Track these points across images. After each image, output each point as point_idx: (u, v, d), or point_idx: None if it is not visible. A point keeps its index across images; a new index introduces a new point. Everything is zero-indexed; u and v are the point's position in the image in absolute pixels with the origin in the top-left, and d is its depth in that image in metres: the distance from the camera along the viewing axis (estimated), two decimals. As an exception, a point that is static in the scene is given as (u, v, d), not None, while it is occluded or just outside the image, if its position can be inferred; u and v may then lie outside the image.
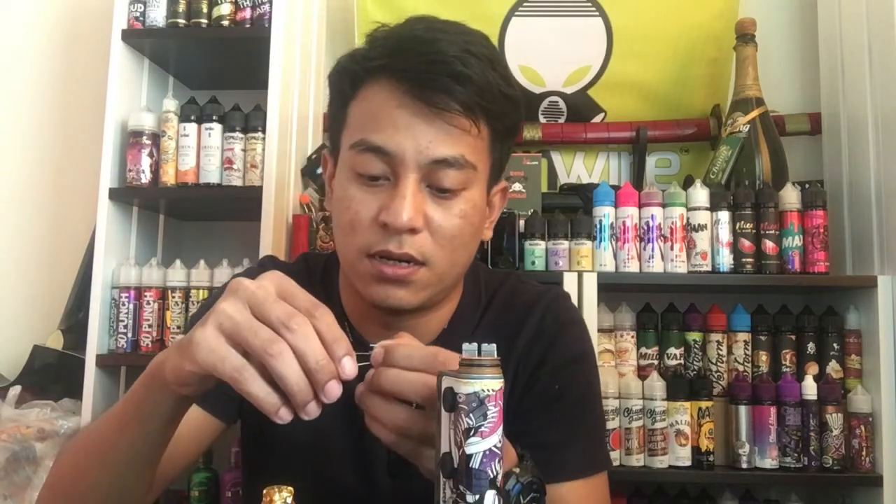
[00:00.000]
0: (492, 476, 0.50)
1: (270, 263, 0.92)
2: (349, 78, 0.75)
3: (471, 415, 0.49)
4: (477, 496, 0.50)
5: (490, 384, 0.50)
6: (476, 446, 0.49)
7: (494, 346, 0.51)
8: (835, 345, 1.52)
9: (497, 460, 0.50)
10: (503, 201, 0.84)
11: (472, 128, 0.71)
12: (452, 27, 0.74)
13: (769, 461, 1.44)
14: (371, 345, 0.58)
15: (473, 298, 0.86)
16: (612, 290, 1.55)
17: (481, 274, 0.89)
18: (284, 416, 0.52)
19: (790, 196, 1.52)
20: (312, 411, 0.52)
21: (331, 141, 0.81)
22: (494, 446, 0.50)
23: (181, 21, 1.62)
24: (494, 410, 0.49)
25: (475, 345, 0.51)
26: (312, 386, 0.51)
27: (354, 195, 0.72)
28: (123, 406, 0.62)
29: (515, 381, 0.82)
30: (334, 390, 0.52)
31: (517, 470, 0.60)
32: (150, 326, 1.58)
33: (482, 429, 0.49)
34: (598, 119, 1.87)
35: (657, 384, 1.46)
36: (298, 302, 0.54)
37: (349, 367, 0.52)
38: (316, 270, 0.89)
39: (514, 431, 0.60)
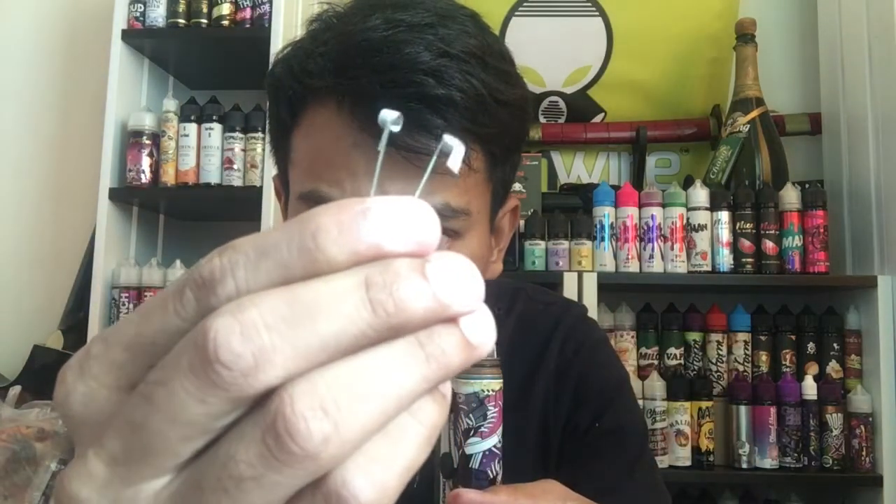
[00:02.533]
0: (492, 476, 0.49)
1: None
2: (287, 100, 0.57)
3: (470, 415, 0.49)
4: None
5: (490, 384, 0.49)
6: (476, 447, 0.49)
7: (493, 346, 0.50)
8: (835, 345, 1.52)
9: (497, 460, 0.50)
10: (514, 223, 0.68)
11: (461, 165, 0.57)
12: (422, 15, 0.53)
13: (769, 461, 1.44)
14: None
15: None
16: (612, 290, 1.55)
17: (491, 286, 0.79)
18: None
19: (790, 196, 1.52)
20: None
21: (276, 166, 0.64)
22: (494, 447, 0.50)
23: (181, 21, 1.62)
24: (494, 411, 0.49)
25: None
26: None
27: None
28: None
29: (546, 428, 0.70)
30: None
31: None
32: (150, 326, 1.58)
33: (482, 429, 0.49)
34: (598, 119, 1.87)
35: (657, 384, 1.46)
36: None
37: None
38: None
39: (566, 482, 0.52)
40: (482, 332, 0.21)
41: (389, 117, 0.24)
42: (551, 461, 0.70)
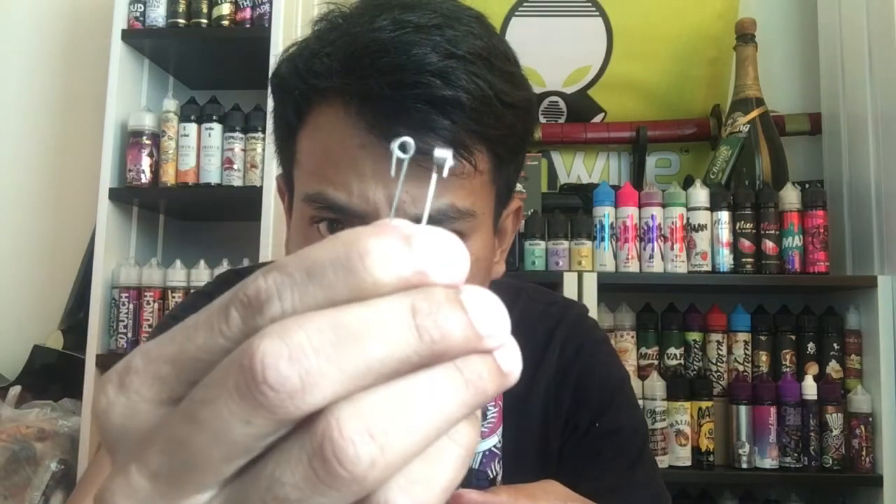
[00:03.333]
0: (492, 476, 0.49)
1: (230, 273, 0.82)
2: (293, 100, 0.57)
3: None
4: None
5: None
6: (476, 447, 0.49)
7: None
8: (835, 345, 1.52)
9: (497, 460, 0.50)
10: (517, 223, 0.68)
11: (466, 167, 0.53)
12: (429, 16, 0.53)
13: (769, 461, 1.44)
14: None
15: None
16: (612, 290, 1.55)
17: (491, 288, 0.80)
18: None
19: (790, 196, 1.52)
20: None
21: (281, 167, 0.64)
22: (494, 447, 0.50)
23: (181, 21, 1.62)
24: (494, 411, 0.49)
25: None
26: None
27: None
28: None
29: (547, 428, 0.70)
30: None
31: None
32: (150, 327, 1.58)
33: (482, 429, 0.49)
34: (598, 119, 1.87)
35: (657, 384, 1.46)
36: None
37: None
38: None
39: (566, 483, 0.52)
40: (513, 360, 0.22)
41: (443, 155, 0.25)
42: (552, 461, 0.69)
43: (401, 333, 0.20)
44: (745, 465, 1.45)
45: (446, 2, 0.56)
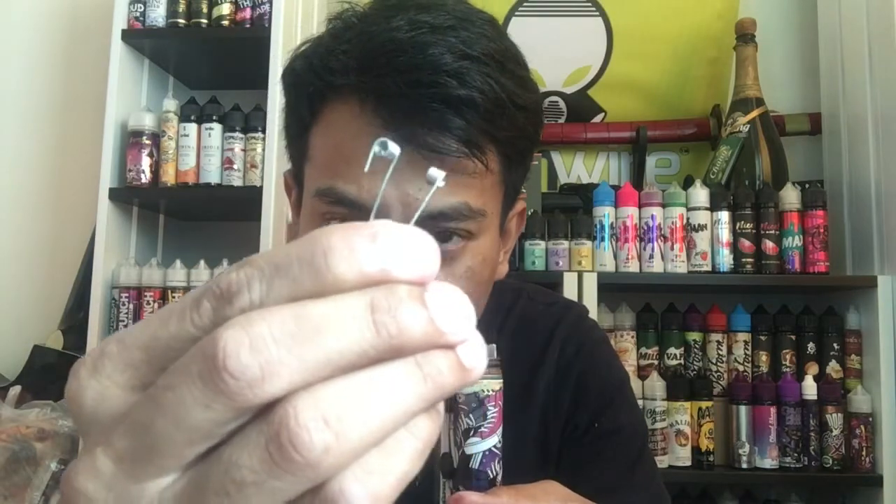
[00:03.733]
0: (491, 476, 0.49)
1: None
2: (306, 96, 0.57)
3: (470, 415, 0.49)
4: None
5: (490, 384, 0.49)
6: (476, 446, 0.49)
7: (494, 346, 0.50)
8: (835, 345, 1.52)
9: (497, 460, 0.50)
10: (521, 225, 0.70)
11: (478, 166, 0.54)
12: (444, 17, 0.54)
13: (769, 461, 1.44)
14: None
15: (490, 307, 0.75)
16: (612, 290, 1.55)
17: (492, 289, 0.81)
18: None
19: (790, 196, 1.52)
20: None
21: (291, 163, 0.64)
22: (494, 446, 0.50)
23: (181, 21, 1.62)
24: (494, 411, 0.49)
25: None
26: None
27: None
28: None
29: (546, 428, 0.70)
30: None
31: None
32: (150, 326, 1.58)
33: (482, 429, 0.49)
34: (598, 119, 1.87)
35: (657, 384, 1.46)
36: None
37: None
38: None
39: (566, 483, 0.52)
40: (475, 356, 0.22)
41: (438, 175, 0.26)
42: (551, 461, 0.70)
43: (358, 328, 0.21)
44: (745, 465, 1.45)
45: (459, 4, 0.57)
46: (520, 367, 0.70)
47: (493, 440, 0.50)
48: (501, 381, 0.50)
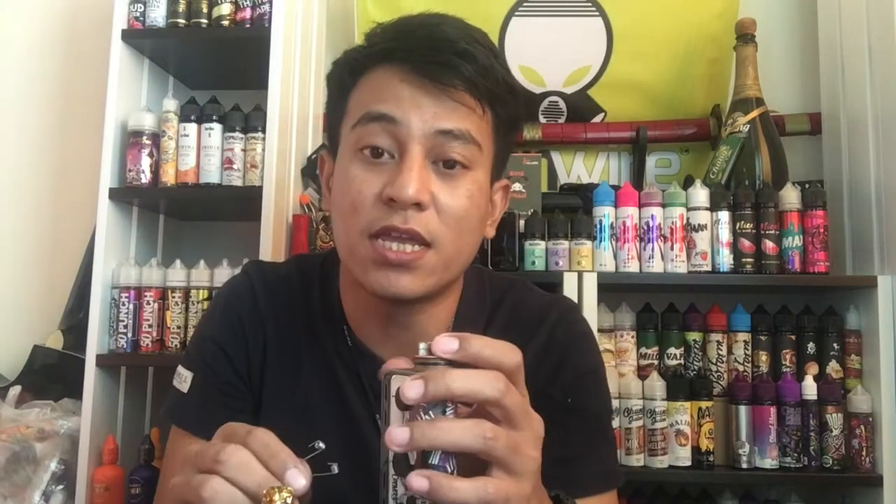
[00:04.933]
0: (449, 472, 0.49)
1: (255, 270, 0.87)
2: (349, 67, 0.74)
3: (429, 412, 0.48)
4: None
5: None
6: None
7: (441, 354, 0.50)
8: (835, 345, 1.52)
9: (452, 458, 0.49)
10: (505, 200, 0.82)
11: (477, 107, 0.69)
12: (453, 18, 0.73)
13: (769, 461, 1.44)
14: (316, 444, 0.53)
15: (477, 297, 0.83)
16: (612, 290, 1.55)
17: (485, 274, 0.87)
18: None
19: (790, 196, 1.52)
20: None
21: (329, 139, 0.79)
22: None
23: (181, 21, 1.62)
24: (452, 407, 0.49)
25: (428, 344, 0.50)
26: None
27: (357, 174, 0.69)
28: None
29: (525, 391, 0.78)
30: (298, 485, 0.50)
31: None
32: (150, 326, 1.58)
33: None
34: (598, 119, 1.87)
35: (657, 384, 1.46)
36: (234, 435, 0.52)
37: (296, 481, 0.49)
38: (311, 272, 0.86)
39: None
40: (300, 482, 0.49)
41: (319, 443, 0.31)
42: None
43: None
44: (745, 465, 1.45)
45: (467, 25, 0.74)
46: (514, 337, 0.76)
47: None
48: None
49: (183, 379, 0.82)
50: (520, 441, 0.50)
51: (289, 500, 0.49)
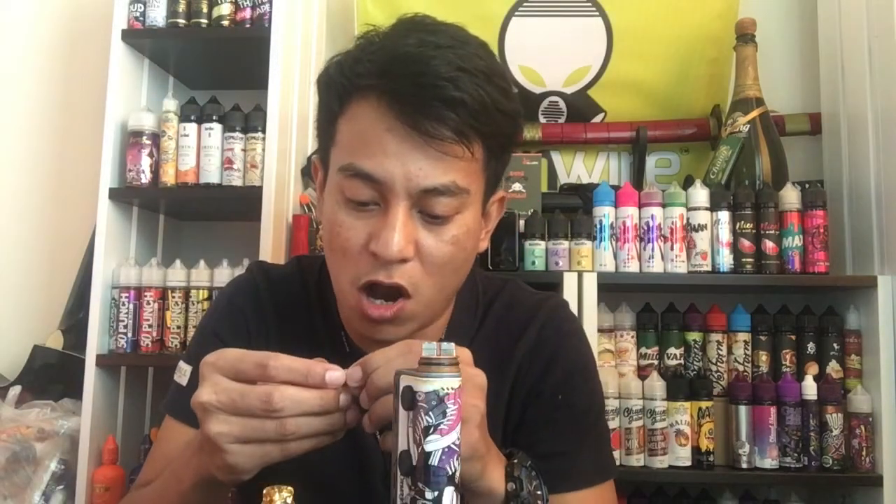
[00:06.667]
0: (450, 473, 0.50)
1: (259, 270, 0.89)
2: (337, 92, 0.72)
3: (430, 413, 0.50)
4: (436, 493, 0.50)
5: (449, 382, 0.50)
6: (435, 444, 0.50)
7: (453, 345, 0.51)
8: (835, 345, 1.52)
9: (455, 457, 0.51)
10: (500, 210, 0.83)
11: (465, 153, 0.68)
12: (446, 39, 0.69)
13: (769, 461, 1.44)
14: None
15: (469, 307, 0.85)
16: (612, 290, 1.55)
17: (478, 280, 0.87)
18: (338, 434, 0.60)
19: (790, 196, 1.52)
20: (352, 417, 0.59)
21: (320, 149, 0.79)
22: (453, 444, 0.51)
23: (181, 21, 1.62)
24: (453, 408, 0.50)
25: (434, 344, 0.51)
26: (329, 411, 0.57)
27: (344, 221, 0.71)
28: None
29: (514, 392, 0.81)
30: (336, 381, 0.57)
31: (516, 459, 0.63)
32: (150, 326, 1.58)
33: (441, 426, 0.50)
34: (598, 119, 1.87)
35: (657, 384, 1.46)
36: (249, 369, 0.58)
37: (335, 377, 0.57)
38: (311, 273, 0.87)
39: (519, 444, 0.62)
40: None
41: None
42: (512, 419, 0.81)
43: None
44: (745, 465, 1.45)
45: (460, 30, 0.73)
46: (504, 339, 0.83)
47: (452, 437, 0.50)
48: (460, 379, 0.51)
49: (183, 373, 0.83)
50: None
51: (289, 500, 0.49)
